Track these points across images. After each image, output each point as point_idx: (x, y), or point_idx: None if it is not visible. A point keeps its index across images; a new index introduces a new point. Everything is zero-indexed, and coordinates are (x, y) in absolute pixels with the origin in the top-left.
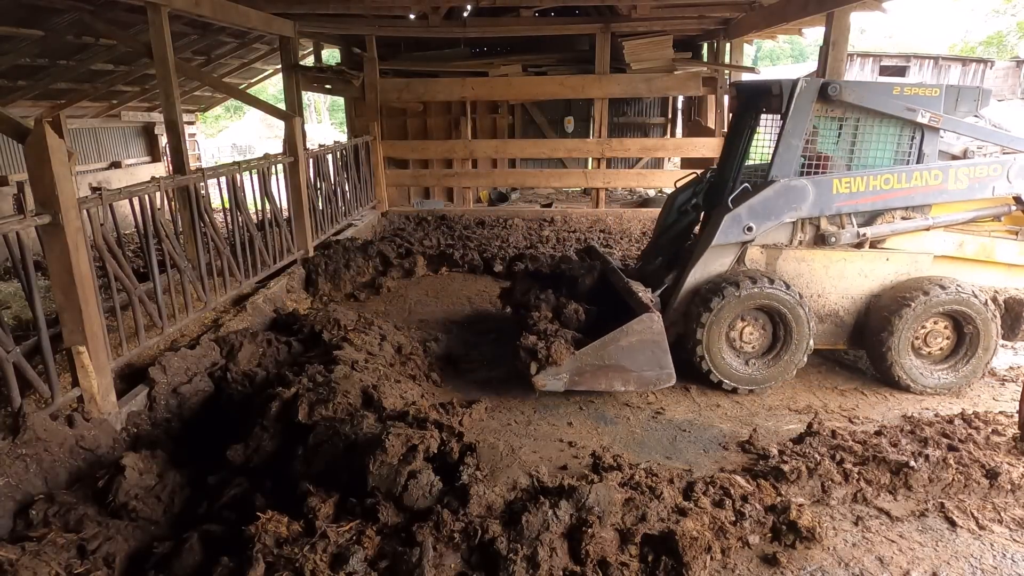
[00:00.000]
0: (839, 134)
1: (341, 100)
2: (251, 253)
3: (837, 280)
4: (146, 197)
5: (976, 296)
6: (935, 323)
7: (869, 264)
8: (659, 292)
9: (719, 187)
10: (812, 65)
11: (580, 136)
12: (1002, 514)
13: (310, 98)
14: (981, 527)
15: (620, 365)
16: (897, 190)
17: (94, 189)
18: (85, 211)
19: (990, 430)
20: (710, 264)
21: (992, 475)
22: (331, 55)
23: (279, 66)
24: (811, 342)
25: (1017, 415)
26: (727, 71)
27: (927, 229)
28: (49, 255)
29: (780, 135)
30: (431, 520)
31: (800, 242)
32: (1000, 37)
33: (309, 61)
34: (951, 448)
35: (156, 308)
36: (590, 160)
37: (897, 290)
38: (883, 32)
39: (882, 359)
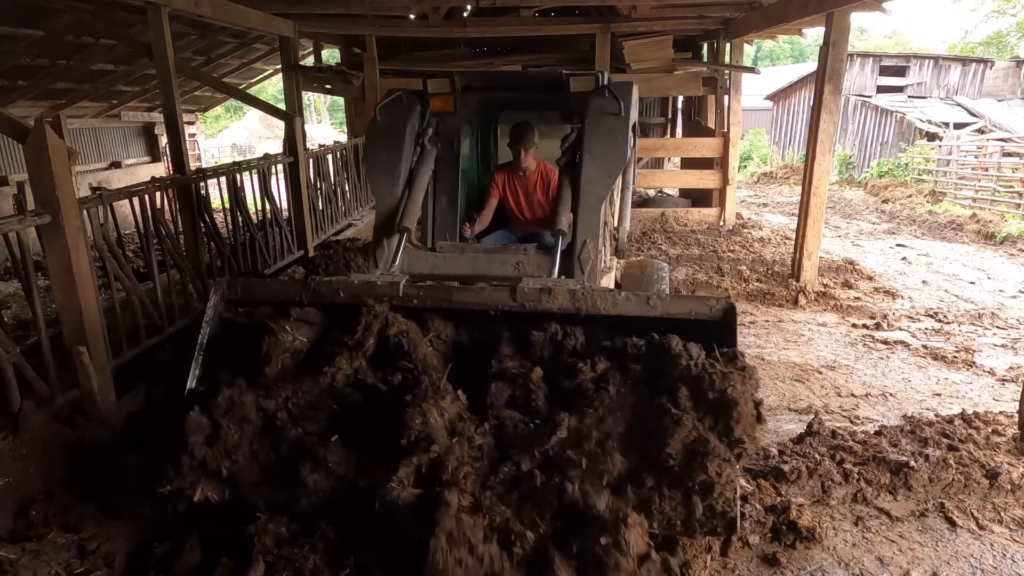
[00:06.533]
0: None
1: (341, 100)
2: (251, 253)
3: None
4: (146, 197)
5: None
6: None
7: None
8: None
9: None
10: (812, 65)
11: None
12: (1002, 514)
13: (310, 98)
14: (981, 527)
15: None
16: None
17: (94, 189)
18: (85, 211)
19: (990, 430)
20: None
21: (992, 475)
22: (331, 55)
23: (279, 66)
24: None
25: (1017, 415)
26: (727, 71)
27: None
28: (49, 255)
29: None
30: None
31: None
32: (1000, 37)
33: (309, 61)
34: (951, 448)
35: (156, 308)
36: None
37: None
38: (883, 32)
39: None
